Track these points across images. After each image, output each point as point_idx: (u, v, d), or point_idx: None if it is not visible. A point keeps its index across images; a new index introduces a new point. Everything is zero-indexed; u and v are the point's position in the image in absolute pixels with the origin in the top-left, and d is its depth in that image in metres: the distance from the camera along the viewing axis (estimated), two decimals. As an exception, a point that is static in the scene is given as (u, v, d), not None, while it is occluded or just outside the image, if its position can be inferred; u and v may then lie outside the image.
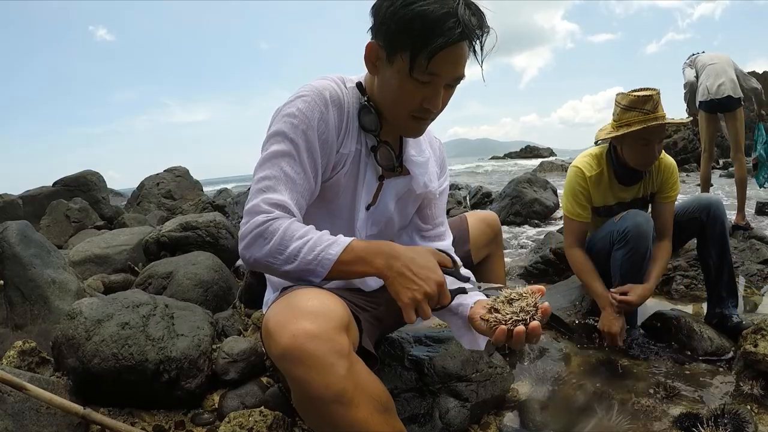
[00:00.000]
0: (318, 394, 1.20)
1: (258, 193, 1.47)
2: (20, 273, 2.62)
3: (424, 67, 1.40)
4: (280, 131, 1.50)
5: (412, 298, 1.33)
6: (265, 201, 1.44)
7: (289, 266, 1.40)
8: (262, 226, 1.41)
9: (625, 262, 2.68)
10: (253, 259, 1.44)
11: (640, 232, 2.61)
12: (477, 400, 2.08)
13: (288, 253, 1.39)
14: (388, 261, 1.38)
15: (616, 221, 2.73)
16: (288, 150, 1.48)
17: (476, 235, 2.25)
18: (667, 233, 2.87)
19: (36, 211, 8.15)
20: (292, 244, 1.39)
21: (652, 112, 2.59)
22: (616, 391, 2.32)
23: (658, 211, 2.91)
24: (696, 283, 3.73)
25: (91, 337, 2.06)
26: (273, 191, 1.46)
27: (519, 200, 6.90)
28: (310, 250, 1.39)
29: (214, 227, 4.07)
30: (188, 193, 11.41)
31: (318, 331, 1.22)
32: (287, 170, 1.48)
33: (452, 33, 1.36)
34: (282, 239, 1.40)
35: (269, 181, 1.47)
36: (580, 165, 2.89)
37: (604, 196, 2.91)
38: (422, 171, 1.80)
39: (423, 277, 1.36)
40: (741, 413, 1.95)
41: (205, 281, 3.16)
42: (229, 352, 2.31)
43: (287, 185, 1.47)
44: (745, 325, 2.61)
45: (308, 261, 1.38)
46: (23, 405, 1.77)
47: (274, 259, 1.41)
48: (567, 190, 2.95)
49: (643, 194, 2.92)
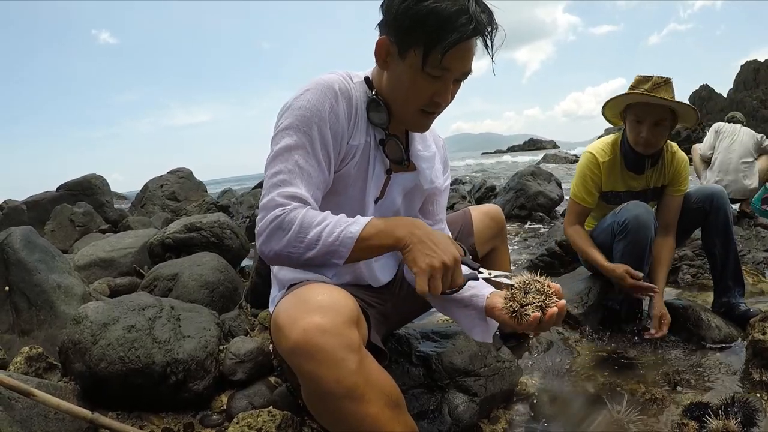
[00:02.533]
0: (329, 389, 1.20)
1: (273, 188, 1.47)
2: (26, 278, 2.62)
3: (437, 62, 1.44)
4: (291, 125, 1.50)
5: (429, 264, 1.34)
6: (281, 194, 1.44)
7: (311, 252, 1.40)
8: (279, 218, 1.41)
9: (627, 254, 2.66)
10: (273, 253, 1.44)
11: (640, 222, 2.59)
12: (486, 394, 2.07)
13: (309, 240, 1.39)
14: (409, 229, 1.40)
15: (617, 213, 2.73)
16: (300, 143, 1.48)
17: (480, 228, 2.25)
18: (671, 228, 2.87)
19: (40, 216, 8.15)
20: (312, 231, 1.39)
21: (649, 91, 2.60)
22: (624, 382, 2.31)
23: (667, 204, 2.91)
24: (702, 272, 3.72)
25: (97, 341, 2.05)
26: (288, 185, 1.46)
27: (523, 193, 6.87)
28: (330, 232, 1.39)
29: (218, 228, 4.07)
30: (192, 195, 11.40)
31: (329, 325, 1.22)
32: (301, 163, 1.47)
33: (465, 29, 1.40)
34: (301, 227, 1.40)
35: (284, 175, 1.47)
36: (594, 151, 2.90)
37: (614, 182, 2.91)
38: (429, 165, 1.83)
39: (443, 247, 1.37)
40: (751, 401, 1.94)
41: (211, 282, 3.16)
42: (236, 353, 2.31)
43: (302, 178, 1.47)
44: (753, 313, 2.61)
45: (330, 243, 1.38)
46: (31, 411, 1.77)
47: (294, 249, 1.41)
48: (578, 174, 2.96)
49: (654, 185, 2.91)
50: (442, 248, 1.37)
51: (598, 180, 2.89)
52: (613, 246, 2.75)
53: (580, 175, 2.93)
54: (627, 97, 2.68)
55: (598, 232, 2.91)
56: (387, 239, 1.40)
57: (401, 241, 1.39)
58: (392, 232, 1.40)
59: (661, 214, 2.88)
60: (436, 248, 1.36)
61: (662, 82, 2.60)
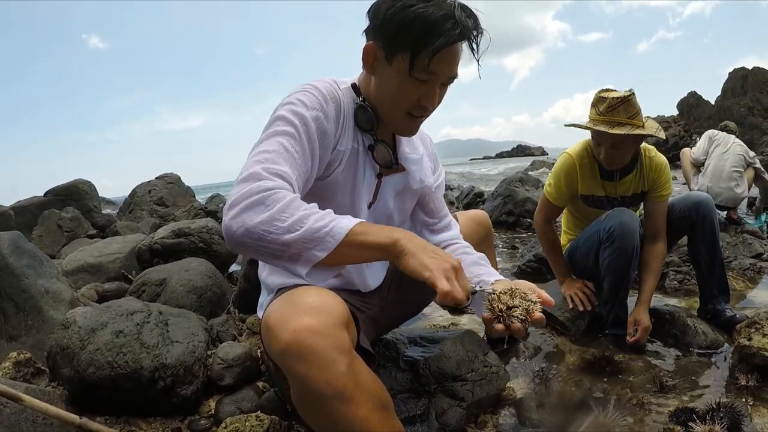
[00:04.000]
0: (318, 390, 1.20)
1: (256, 163, 1.37)
2: (13, 284, 2.61)
3: (424, 66, 1.46)
4: (280, 116, 1.49)
5: (440, 266, 1.27)
6: (266, 169, 1.35)
7: (290, 236, 1.27)
8: (264, 193, 1.30)
9: (613, 261, 2.65)
10: (244, 229, 1.28)
11: (625, 229, 2.58)
12: (473, 399, 2.08)
13: (293, 221, 1.27)
14: (406, 235, 1.34)
15: (602, 220, 2.73)
16: (288, 130, 1.46)
17: (467, 234, 2.26)
18: (659, 234, 2.84)
19: (28, 221, 8.12)
20: (299, 212, 1.29)
21: (604, 114, 2.59)
22: (611, 387, 2.33)
23: (651, 210, 2.89)
24: (689, 278, 3.75)
25: (85, 346, 2.05)
26: (273, 162, 1.38)
27: (511, 199, 6.89)
28: (319, 219, 1.30)
29: (206, 233, 4.07)
30: (180, 200, 11.38)
31: (319, 326, 1.22)
32: (287, 147, 1.43)
33: (452, 33, 1.43)
34: (287, 206, 1.29)
35: (269, 154, 1.40)
36: (573, 153, 2.89)
37: (592, 187, 2.90)
38: (417, 167, 1.86)
39: (443, 254, 1.32)
40: (736, 406, 1.96)
41: (199, 287, 3.15)
42: (224, 358, 2.31)
43: (287, 160, 1.41)
44: (739, 319, 2.63)
45: (316, 229, 1.28)
46: (19, 416, 1.76)
47: (272, 227, 1.27)
48: (554, 173, 2.96)
49: (634, 191, 2.89)
50: (443, 255, 1.32)
51: (574, 181, 2.88)
52: (599, 252, 2.76)
53: (555, 174, 2.94)
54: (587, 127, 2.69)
55: (582, 240, 2.92)
56: (383, 238, 1.32)
57: (398, 243, 1.31)
58: (390, 233, 1.33)
59: (647, 222, 2.87)
60: (437, 254, 1.31)
61: (618, 102, 2.56)
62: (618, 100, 2.56)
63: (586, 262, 2.90)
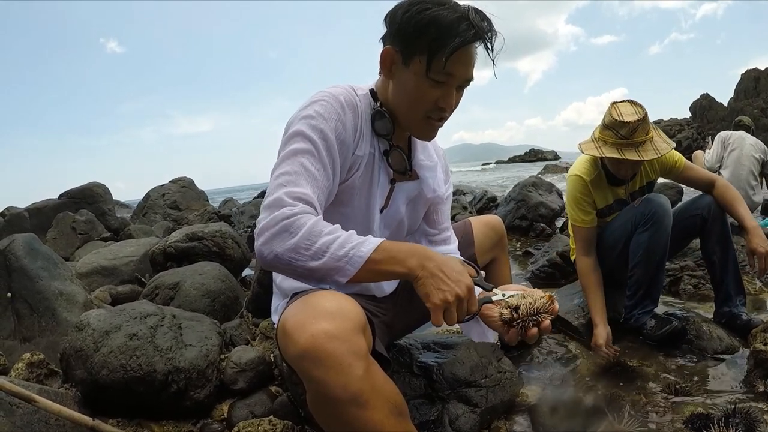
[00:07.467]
0: (335, 394, 1.21)
1: (278, 188, 1.42)
2: (28, 285, 2.63)
3: (441, 68, 1.49)
4: (298, 131, 1.50)
5: (443, 299, 1.32)
6: (288, 194, 1.40)
7: (316, 262, 1.33)
8: (288, 220, 1.35)
9: (654, 242, 2.66)
10: (274, 255, 1.35)
11: (666, 210, 2.64)
12: (487, 405, 2.07)
13: (316, 248, 1.33)
14: (421, 261, 1.36)
15: (636, 206, 2.75)
16: (307, 148, 1.48)
17: (481, 239, 2.26)
18: (709, 179, 2.90)
19: (42, 223, 8.17)
20: (321, 239, 1.34)
21: (626, 138, 2.59)
22: (626, 393, 2.31)
23: (685, 177, 2.95)
24: (704, 283, 3.71)
25: (99, 348, 2.06)
26: (294, 185, 1.43)
27: (524, 204, 6.85)
28: (340, 246, 1.34)
29: (220, 237, 4.08)
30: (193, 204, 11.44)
31: (337, 331, 1.23)
32: (307, 166, 1.47)
33: (467, 34, 1.46)
34: (310, 233, 1.34)
35: (290, 176, 1.44)
36: (579, 172, 2.90)
37: (604, 197, 2.92)
38: (432, 175, 1.87)
39: (455, 279, 1.35)
40: (752, 412, 1.94)
41: (212, 291, 3.16)
42: (237, 362, 2.31)
43: (308, 180, 1.45)
44: (755, 323, 2.60)
45: (338, 257, 1.33)
46: (32, 417, 1.78)
47: (298, 255, 1.33)
48: (569, 199, 2.95)
49: (641, 185, 2.96)
50: (454, 280, 1.34)
51: (591, 198, 2.90)
52: (631, 240, 2.75)
53: (572, 200, 2.93)
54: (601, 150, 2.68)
55: (615, 226, 2.90)
56: (398, 267, 1.36)
57: (413, 271, 1.35)
58: (404, 261, 1.36)
59: (694, 185, 2.96)
60: (448, 281, 1.34)
61: (637, 123, 2.57)
62: (638, 122, 2.58)
63: (612, 252, 2.89)
